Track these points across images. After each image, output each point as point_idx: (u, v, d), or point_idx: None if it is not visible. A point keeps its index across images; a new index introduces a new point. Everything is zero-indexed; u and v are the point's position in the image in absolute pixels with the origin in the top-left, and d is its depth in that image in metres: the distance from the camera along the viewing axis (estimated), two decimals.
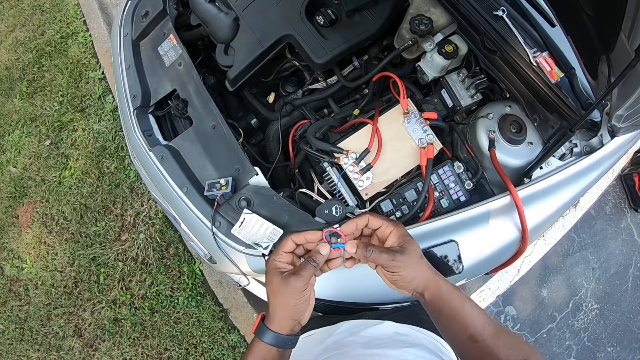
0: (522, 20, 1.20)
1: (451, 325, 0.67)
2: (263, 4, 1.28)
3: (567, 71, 1.12)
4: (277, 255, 0.70)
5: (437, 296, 0.68)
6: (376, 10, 1.23)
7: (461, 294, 0.68)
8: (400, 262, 0.67)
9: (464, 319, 0.65)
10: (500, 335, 0.64)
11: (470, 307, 0.66)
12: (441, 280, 0.69)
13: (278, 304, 0.69)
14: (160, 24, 1.41)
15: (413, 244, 0.70)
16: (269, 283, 0.69)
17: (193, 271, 2.18)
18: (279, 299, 0.68)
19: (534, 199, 1.12)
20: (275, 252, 0.71)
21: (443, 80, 1.20)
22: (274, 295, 0.69)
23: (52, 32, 2.82)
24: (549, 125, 1.16)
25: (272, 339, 0.67)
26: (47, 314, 2.26)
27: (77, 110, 2.55)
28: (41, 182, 2.44)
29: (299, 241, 0.72)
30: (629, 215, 2.57)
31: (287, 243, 0.71)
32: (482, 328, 0.64)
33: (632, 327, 2.41)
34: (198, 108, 1.24)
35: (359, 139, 1.16)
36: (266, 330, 0.67)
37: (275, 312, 0.69)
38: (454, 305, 0.67)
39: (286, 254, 0.71)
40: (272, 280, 0.68)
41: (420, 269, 0.69)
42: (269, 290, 0.69)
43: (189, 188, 1.18)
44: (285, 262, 0.70)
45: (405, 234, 0.71)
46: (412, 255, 0.69)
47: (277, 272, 0.68)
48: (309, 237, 0.72)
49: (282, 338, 0.67)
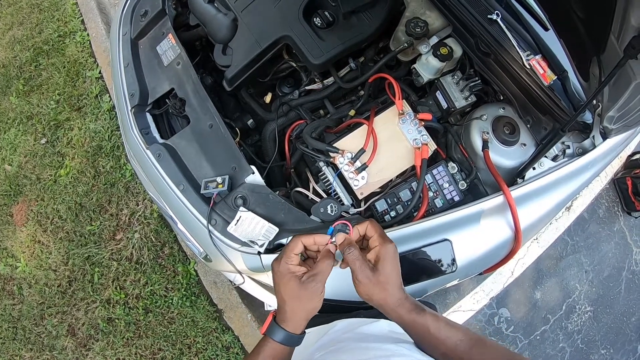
0: (516, 23, 1.22)
1: (421, 343, 0.69)
2: (261, 5, 1.29)
3: (560, 74, 1.14)
4: (288, 258, 0.68)
5: (398, 322, 0.69)
6: (373, 13, 1.25)
7: (425, 318, 0.67)
8: (364, 276, 0.66)
9: (432, 339, 0.66)
10: (474, 350, 0.65)
11: (437, 328, 0.66)
12: (402, 310, 0.67)
13: (296, 307, 0.68)
14: (159, 24, 1.42)
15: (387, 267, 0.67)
16: (283, 286, 0.68)
17: (188, 271, 2.17)
18: (297, 303, 0.68)
19: (527, 199, 1.13)
20: (285, 255, 0.69)
21: (438, 83, 1.21)
22: (291, 299, 0.68)
23: (49, 30, 2.81)
24: (541, 127, 1.18)
25: (286, 339, 0.67)
26: (40, 313, 2.24)
27: (73, 109, 2.54)
28: (36, 181, 2.43)
29: (308, 244, 0.71)
30: (622, 218, 2.59)
31: (297, 245, 0.69)
32: (453, 345, 0.65)
33: (625, 329, 2.42)
34: (195, 107, 1.25)
35: (355, 139, 1.17)
36: (280, 331, 0.67)
37: (293, 315, 0.68)
38: (418, 330, 0.67)
39: (296, 256, 0.69)
40: (288, 285, 0.67)
41: (382, 293, 0.67)
42: (285, 294, 0.68)
43: (186, 186, 1.18)
44: (297, 265, 0.69)
45: (386, 257, 0.68)
46: (380, 276, 0.66)
47: (292, 276, 0.67)
48: (319, 239, 0.71)
49: (295, 337, 0.68)
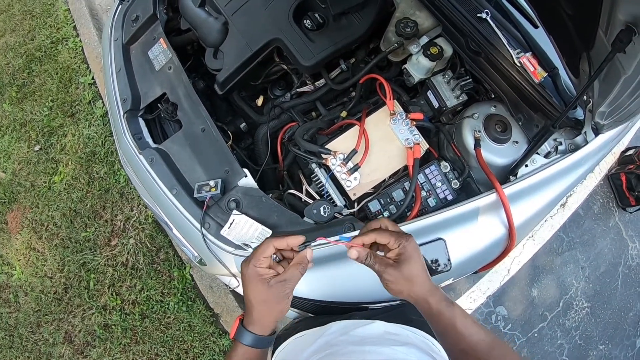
0: (506, 22, 1.23)
1: (443, 337, 0.70)
2: (252, 8, 1.29)
3: (551, 70, 1.15)
4: (257, 261, 0.68)
5: (426, 312, 0.70)
6: (363, 14, 1.25)
7: (454, 311, 0.68)
8: (390, 276, 0.68)
9: (455, 334, 0.67)
10: (493, 351, 0.66)
11: (463, 323, 0.67)
12: (432, 300, 0.69)
13: (264, 310, 0.68)
14: (150, 29, 1.41)
15: (410, 262, 0.68)
16: (251, 289, 0.68)
17: (183, 276, 2.17)
18: (264, 306, 0.68)
19: (520, 196, 1.13)
20: (254, 257, 0.68)
21: (429, 82, 1.21)
22: (259, 303, 0.68)
23: (42, 37, 2.81)
24: (533, 124, 1.18)
25: (256, 342, 0.68)
26: (37, 321, 2.22)
27: (67, 116, 2.54)
28: (31, 188, 2.42)
29: (281, 246, 0.70)
30: (617, 214, 2.61)
31: (268, 248, 0.68)
32: (474, 343, 0.66)
33: (623, 324, 2.44)
34: (187, 111, 1.25)
35: (347, 140, 1.17)
36: (248, 334, 0.68)
37: (261, 318, 0.69)
38: (445, 322, 0.68)
39: (265, 259, 0.69)
40: (256, 287, 0.68)
41: (411, 286, 0.69)
42: (252, 297, 0.68)
43: (179, 190, 1.18)
44: (266, 268, 0.68)
45: (409, 253, 0.69)
46: (405, 272, 0.68)
47: (260, 279, 0.67)
48: (292, 242, 0.70)
49: (265, 339, 0.69)
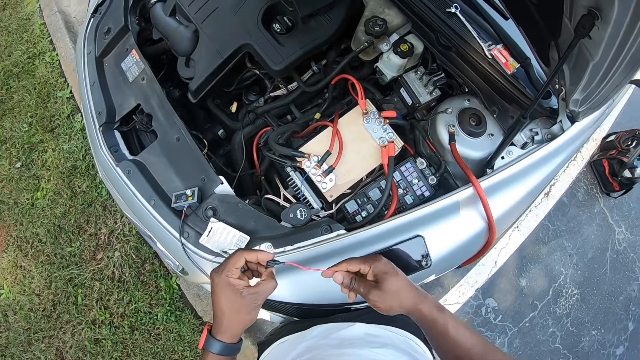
0: (475, 15, 1.23)
1: (438, 344, 0.71)
2: (221, 15, 1.29)
3: (523, 61, 1.15)
4: (229, 271, 0.70)
5: (420, 321, 0.71)
6: (331, 15, 1.25)
7: (446, 318, 0.70)
8: (374, 296, 0.70)
9: (449, 340, 0.68)
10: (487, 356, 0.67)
11: (456, 330, 0.69)
12: (424, 307, 0.70)
13: (234, 319, 0.70)
14: (122, 40, 1.40)
15: (388, 279, 0.71)
16: (223, 299, 0.69)
17: (170, 286, 2.15)
18: (235, 315, 0.70)
19: (498, 188, 1.13)
20: (226, 267, 0.70)
21: (401, 79, 1.22)
22: (230, 311, 0.69)
23: (19, 52, 2.78)
24: (508, 116, 1.19)
25: (224, 350, 0.69)
26: (27, 339, 2.19)
27: (46, 131, 2.51)
28: (14, 205, 2.39)
29: (250, 259, 0.73)
30: (601, 200, 2.63)
31: (240, 259, 0.71)
32: (467, 349, 0.68)
33: (614, 308, 2.46)
34: (162, 121, 1.24)
35: (320, 142, 1.17)
36: (217, 343, 0.69)
37: (230, 326, 0.70)
38: (438, 329, 0.70)
39: (237, 270, 0.71)
40: (229, 297, 0.69)
41: (398, 300, 0.70)
42: (224, 306, 0.69)
43: (157, 201, 1.17)
44: (237, 278, 0.70)
45: (382, 270, 0.72)
46: (386, 288, 0.70)
47: (233, 289, 0.69)
48: (262, 257, 0.73)
49: (233, 347, 0.70)
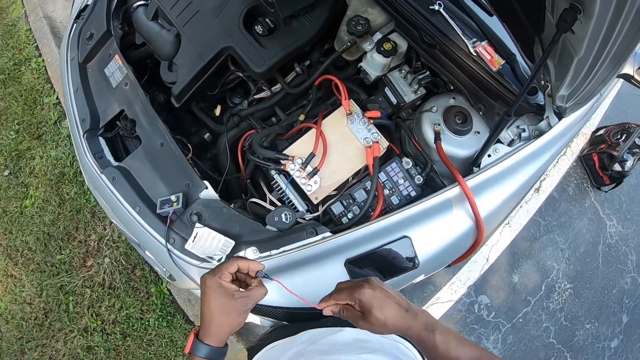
0: (459, 12, 1.22)
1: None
2: (202, 18, 1.27)
3: (508, 58, 1.14)
4: (222, 274, 0.70)
5: (415, 340, 0.70)
6: (313, 15, 1.23)
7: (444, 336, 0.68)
8: (362, 326, 0.69)
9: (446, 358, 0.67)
10: None
11: (446, 347, 0.67)
12: (413, 332, 0.69)
13: (223, 322, 0.70)
14: (105, 45, 1.39)
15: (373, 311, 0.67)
16: (214, 301, 0.69)
17: (161, 291, 2.14)
18: (225, 317, 0.70)
19: (485, 186, 1.12)
20: (219, 270, 0.71)
21: (385, 79, 1.21)
22: (220, 314, 0.69)
23: (4, 59, 2.75)
24: (494, 113, 1.18)
25: (211, 354, 0.69)
26: (20, 348, 2.17)
27: (33, 138, 2.49)
28: (2, 214, 2.37)
29: (243, 267, 0.74)
30: (592, 194, 2.64)
31: (233, 265, 0.72)
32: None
33: (607, 301, 2.47)
34: (145, 127, 1.22)
35: (304, 144, 1.16)
36: (204, 347, 0.69)
37: (218, 329, 0.70)
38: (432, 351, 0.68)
39: (230, 275, 0.72)
40: (220, 299, 0.69)
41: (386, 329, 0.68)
42: (214, 308, 0.69)
43: (142, 207, 1.16)
44: (229, 282, 0.71)
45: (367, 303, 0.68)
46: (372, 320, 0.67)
47: (225, 291, 0.69)
48: (253, 266, 0.75)
49: (220, 351, 0.70)
